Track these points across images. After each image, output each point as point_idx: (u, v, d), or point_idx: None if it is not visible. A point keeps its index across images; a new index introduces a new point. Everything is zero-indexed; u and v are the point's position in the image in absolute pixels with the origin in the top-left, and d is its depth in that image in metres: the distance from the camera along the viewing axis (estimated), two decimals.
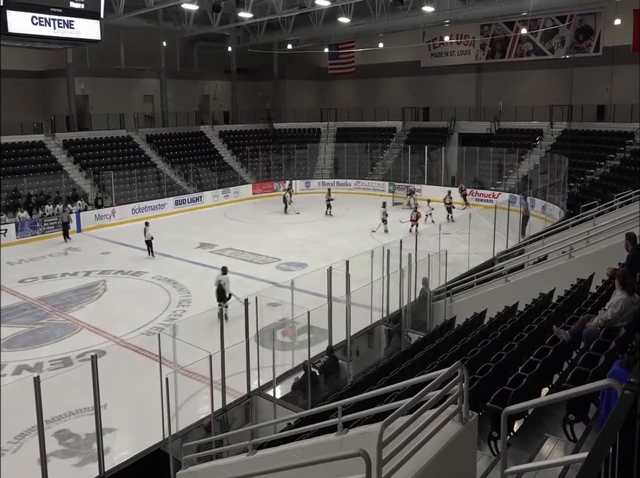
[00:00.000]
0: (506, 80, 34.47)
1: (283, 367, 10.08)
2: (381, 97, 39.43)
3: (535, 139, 31.28)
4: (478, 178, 30.94)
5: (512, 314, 9.42)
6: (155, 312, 14.95)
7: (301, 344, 10.83)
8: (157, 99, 36.52)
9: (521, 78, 34.19)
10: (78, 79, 32.47)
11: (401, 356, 9.02)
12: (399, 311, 11.90)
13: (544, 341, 6.05)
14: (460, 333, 9.22)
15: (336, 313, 10.55)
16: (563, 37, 31.94)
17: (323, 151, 37.62)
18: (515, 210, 19.36)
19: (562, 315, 7.56)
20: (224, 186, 32.35)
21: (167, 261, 20.04)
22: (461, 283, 13.53)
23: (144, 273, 18.43)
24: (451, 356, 7.32)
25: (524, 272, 12.65)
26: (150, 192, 29.45)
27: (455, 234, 19.63)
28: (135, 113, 33.24)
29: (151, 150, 32.71)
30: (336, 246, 20.94)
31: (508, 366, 5.89)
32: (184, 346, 8.31)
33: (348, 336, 10.49)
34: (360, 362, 10.75)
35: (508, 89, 34.20)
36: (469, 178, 30.99)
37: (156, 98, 36.56)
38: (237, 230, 24.73)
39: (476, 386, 5.26)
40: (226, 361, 8.55)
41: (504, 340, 7.10)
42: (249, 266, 19.24)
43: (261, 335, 9.44)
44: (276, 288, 14.69)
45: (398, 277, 11.85)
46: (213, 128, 36.88)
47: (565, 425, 4.55)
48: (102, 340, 13.16)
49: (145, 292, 16.80)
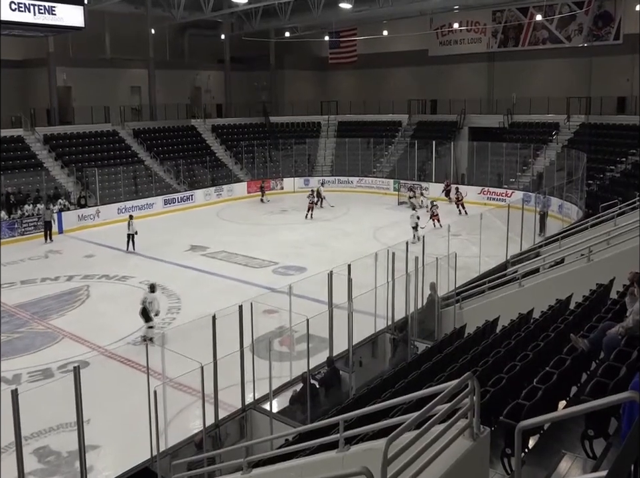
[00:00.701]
0: (520, 70, 34.52)
1: (280, 379, 10.07)
2: (385, 89, 39.48)
3: (551, 133, 31.32)
4: (489, 176, 30.97)
5: (526, 321, 9.42)
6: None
7: (300, 355, 10.81)
8: (144, 91, 36.55)
9: (536, 68, 34.23)
10: (60, 70, 32.50)
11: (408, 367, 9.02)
12: (405, 319, 11.90)
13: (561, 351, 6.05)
14: (470, 342, 9.22)
15: (337, 320, 10.55)
16: (581, 24, 31.99)
17: (323, 146, 37.65)
18: (530, 209, 19.36)
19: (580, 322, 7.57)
20: (216, 184, 32.38)
21: (156, 265, 20.02)
22: (472, 288, 13.53)
23: (130, 278, 18.42)
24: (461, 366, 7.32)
25: (539, 276, 12.66)
26: (137, 191, 29.48)
27: (465, 235, 19.63)
28: (122, 105, 33.28)
29: (138, 145, 32.74)
30: (337, 249, 20.94)
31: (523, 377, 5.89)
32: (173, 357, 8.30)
33: (350, 346, 10.48)
34: (363, 373, 10.75)
35: (522, 80, 34.25)
36: (480, 176, 31.03)
37: (144, 90, 36.60)
38: (230, 232, 24.73)
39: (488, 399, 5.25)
40: (219, 372, 8.54)
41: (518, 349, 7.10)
42: (243, 270, 19.23)
43: (257, 345, 9.43)
44: (273, 294, 14.70)
45: (403, 282, 11.85)
46: (205, 122, 36.92)
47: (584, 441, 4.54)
48: (85, 350, 13.15)
49: (131, 298, 16.73)
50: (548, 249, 15.49)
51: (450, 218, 22.08)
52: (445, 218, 23.18)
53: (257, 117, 39.45)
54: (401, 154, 35.01)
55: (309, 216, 26.38)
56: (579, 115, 30.88)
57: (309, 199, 26.88)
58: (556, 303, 9.57)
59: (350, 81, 43.31)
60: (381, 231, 23.90)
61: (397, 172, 33.84)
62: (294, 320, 10.18)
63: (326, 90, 43.11)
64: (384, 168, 35.35)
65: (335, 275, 10.58)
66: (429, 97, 37.31)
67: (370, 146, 36.04)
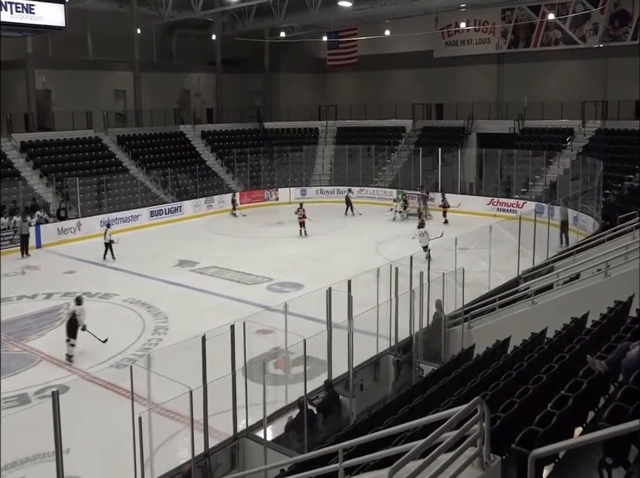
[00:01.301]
0: (532, 73, 34.79)
1: (275, 404, 10.04)
2: (387, 93, 39.75)
3: (565, 139, 31.52)
4: (499, 185, 31.10)
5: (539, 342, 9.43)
6: (126, 341, 14.90)
7: (296, 378, 10.78)
8: (129, 95, 36.75)
9: (548, 70, 34.51)
10: (39, 72, 32.72)
11: (412, 391, 9.01)
12: (409, 339, 11.89)
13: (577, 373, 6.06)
14: (480, 364, 9.22)
15: (336, 341, 10.54)
16: (596, 23, 32.31)
17: (321, 154, 37.81)
18: (543, 221, 19.41)
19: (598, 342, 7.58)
20: (206, 194, 32.45)
21: (141, 282, 20.01)
22: (481, 306, 13.53)
23: (114, 296, 18.41)
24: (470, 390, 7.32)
25: (553, 293, 12.68)
26: (121, 202, 29.52)
27: (474, 249, 19.66)
28: (105, 110, 33.42)
29: (122, 153, 32.84)
30: (336, 264, 20.95)
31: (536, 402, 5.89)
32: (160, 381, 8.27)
33: (351, 369, 10.47)
34: (364, 398, 10.72)
35: (534, 83, 34.52)
36: (489, 185, 31.16)
37: (129, 94, 36.80)
38: (222, 245, 24.76)
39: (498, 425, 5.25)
40: (209, 398, 8.52)
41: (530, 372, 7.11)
42: (235, 287, 19.21)
43: (250, 367, 9.41)
44: (267, 312, 14.67)
45: (407, 299, 11.85)
46: (194, 128, 37.09)
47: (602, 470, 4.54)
48: (65, 373, 13.11)
49: (114, 317, 16.76)
50: (563, 263, 15.51)
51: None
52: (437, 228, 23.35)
53: (251, 123, 39.65)
54: (405, 162, 35.16)
55: (303, 233, 25.98)
56: (594, 120, 31.09)
57: (298, 214, 26.21)
58: (571, 321, 9.59)
59: (349, 85, 43.60)
60: (383, 244, 23.95)
61: (400, 181, 33.96)
62: (290, 341, 10.17)
63: (325, 94, 43.37)
64: (386, 177, 35.49)
65: (334, 292, 10.58)
66: (435, 101, 37.56)
67: (371, 153, 36.20)
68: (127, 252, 23.13)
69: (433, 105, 37.69)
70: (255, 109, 40.82)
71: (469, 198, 30.67)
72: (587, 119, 31.20)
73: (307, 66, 43.62)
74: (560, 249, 18.79)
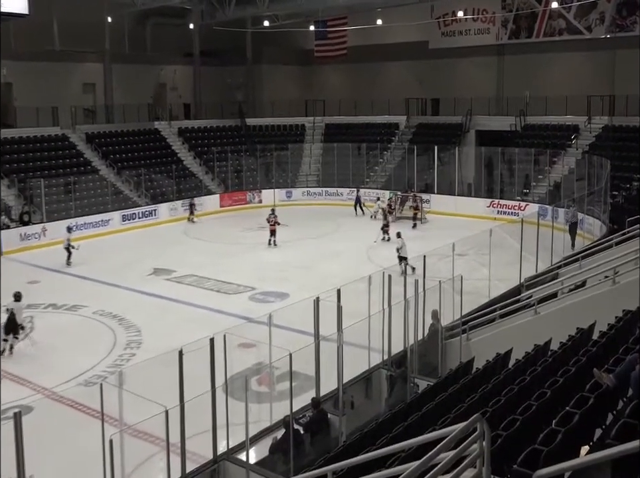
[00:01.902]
0: (534, 65, 35.05)
1: (258, 424, 10.02)
2: (379, 87, 39.90)
3: (570, 137, 31.76)
4: (500, 186, 31.27)
5: (543, 354, 9.48)
6: (96, 356, 14.80)
7: (281, 395, 10.77)
8: (99, 89, 36.64)
9: (552, 63, 34.79)
10: None
11: (407, 408, 9.03)
12: (403, 352, 11.91)
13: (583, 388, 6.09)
14: (479, 379, 9.26)
15: (325, 355, 10.54)
16: (603, 13, 32.61)
17: (308, 152, 37.87)
18: (547, 224, 19.55)
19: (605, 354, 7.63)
20: (184, 197, 32.36)
21: (112, 292, 19.89)
22: (480, 316, 13.60)
23: (82, 307, 18.30)
24: (469, 407, 7.35)
25: (557, 302, 12.76)
26: (91, 205, 29.37)
27: (473, 255, 19.76)
28: (73, 106, 33.28)
29: (91, 152, 32.70)
30: (324, 271, 20.95)
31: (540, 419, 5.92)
32: (133, 399, 8.24)
33: (340, 385, 10.47)
34: (355, 416, 10.73)
35: (536, 77, 34.77)
36: (489, 186, 31.33)
37: (99, 87, 36.68)
38: (200, 252, 24.69)
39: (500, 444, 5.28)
40: (186, 417, 8.49)
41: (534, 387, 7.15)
42: (215, 297, 19.16)
43: (231, 384, 9.39)
44: (250, 324, 14.65)
45: (401, 309, 11.88)
46: (170, 124, 37.03)
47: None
48: (28, 392, 12.99)
49: (83, 331, 16.66)
50: (568, 270, 15.62)
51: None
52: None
53: (232, 119, 39.64)
54: (399, 161, 35.27)
55: (272, 243, 24.98)
56: (601, 116, 31.36)
57: (270, 221, 25.22)
58: (577, 332, 9.65)
59: (339, 78, 43.71)
60: (375, 250, 23.98)
61: (394, 182, 34.07)
62: (274, 355, 10.16)
63: (312, 88, 43.45)
64: (378, 177, 35.59)
65: (322, 302, 10.58)
66: (430, 96, 37.75)
67: (362, 152, 36.30)
68: (96, 260, 23.01)
69: (429, 100, 37.88)
70: (236, 104, 40.81)
71: (468, 200, 30.85)
72: (593, 115, 31.46)
73: (293, 57, 43.70)
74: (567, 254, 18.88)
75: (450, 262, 14.60)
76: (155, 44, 40.62)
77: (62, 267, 22.45)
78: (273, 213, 25.53)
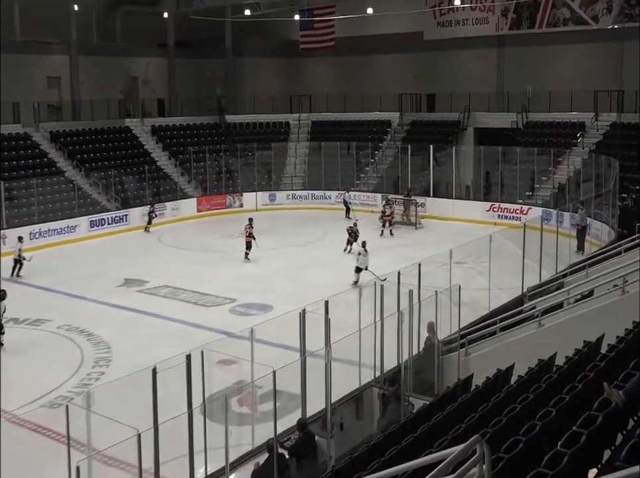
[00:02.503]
0: (537, 58, 35.29)
1: (239, 448, 10.00)
2: (370, 81, 39.98)
3: (575, 135, 31.97)
4: (500, 188, 31.40)
5: (548, 370, 9.53)
6: (61, 375, 14.73)
7: (265, 416, 10.75)
8: (65, 83, 36.51)
9: (556, 55, 35.06)
10: None
11: (401, 429, 9.04)
12: (397, 369, 11.93)
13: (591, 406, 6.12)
14: (479, 397, 9.29)
15: (311, 372, 10.54)
16: (611, 1, 32.84)
17: (293, 152, 37.92)
18: (551, 230, 19.66)
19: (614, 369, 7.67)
20: (157, 201, 32.27)
21: (79, 305, 19.81)
22: (480, 328, 13.64)
23: (45, 322, 18.20)
24: (468, 428, 7.36)
25: (563, 313, 12.83)
26: (55, 210, 29.24)
27: (471, 263, 19.85)
28: (36, 102, 33.17)
29: (56, 152, 32.57)
30: (311, 281, 20.98)
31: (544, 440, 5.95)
32: (102, 422, 8.21)
33: (329, 404, 10.47)
34: (345, 438, 10.73)
35: (539, 70, 34.99)
36: (488, 188, 31.47)
37: (64, 81, 36.55)
38: (176, 261, 24.64)
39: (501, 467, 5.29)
40: (161, 441, 8.47)
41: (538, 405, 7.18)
42: (192, 310, 19.11)
43: (210, 405, 9.37)
44: (230, 339, 14.63)
45: (395, 322, 11.91)
46: (143, 122, 36.95)
47: None
48: None
49: (47, 348, 16.56)
50: (574, 279, 15.71)
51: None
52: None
53: (210, 116, 39.64)
54: (391, 162, 35.40)
55: (245, 257, 24.27)
56: (609, 112, 31.60)
57: (245, 231, 24.53)
58: (584, 346, 9.70)
59: (326, 71, 43.80)
60: None
61: (386, 184, 34.15)
62: (257, 373, 10.16)
63: (297, 82, 43.51)
64: (369, 179, 35.67)
65: (309, 314, 10.60)
66: (425, 91, 37.91)
67: (351, 152, 36.38)
68: (62, 270, 22.87)
69: (424, 95, 38.02)
70: (215, 99, 40.81)
71: (466, 204, 30.99)
72: (600, 112, 31.68)
73: (276, 49, 43.73)
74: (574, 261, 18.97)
75: (447, 271, 14.66)
76: (126, 34, 40.50)
77: (24, 278, 22.30)
78: (250, 224, 24.66)
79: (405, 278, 12.62)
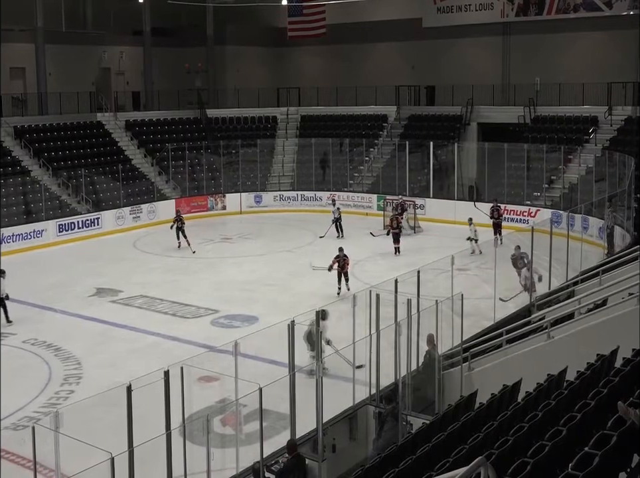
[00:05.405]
0: (545, 47, 35.41)
1: (222, 473, 9.99)
2: (365, 72, 40.07)
3: (587, 131, 32.11)
4: (506, 188, 31.46)
5: (558, 386, 9.56)
6: (27, 394, 14.67)
7: (250, 438, 10.74)
8: (30, 74, 36.39)
9: (566, 44, 35.22)
10: None
11: (399, 451, 9.05)
12: (394, 385, 11.94)
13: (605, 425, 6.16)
14: (483, 416, 9.31)
15: (301, 389, 10.55)
16: None
17: (281, 150, 37.91)
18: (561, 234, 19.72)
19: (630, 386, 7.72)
20: (132, 203, 32.25)
21: (46, 317, 19.75)
22: (484, 341, 13.66)
23: (9, 336, 18.09)
24: (471, 449, 7.38)
25: (574, 324, 12.85)
26: (20, 213, 29.16)
27: (475, 269, 19.91)
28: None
29: (21, 149, 32.47)
30: (300, 290, 21.03)
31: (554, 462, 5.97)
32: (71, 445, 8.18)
33: (320, 424, 10.47)
34: (337, 461, 10.74)
35: (548, 61, 35.09)
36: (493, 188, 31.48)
37: (29, 72, 36.43)
38: (152, 268, 24.63)
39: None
40: (136, 465, 8.45)
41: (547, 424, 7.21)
42: (171, 322, 19.09)
43: (190, 425, 9.36)
44: (212, 354, 14.59)
45: (392, 334, 11.92)
46: (116, 116, 36.88)
47: None
48: None
49: (10, 364, 16.36)
50: (586, 287, 15.75)
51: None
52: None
53: (190, 110, 39.63)
54: (388, 159, 35.44)
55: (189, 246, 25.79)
56: (624, 106, 31.72)
57: (176, 220, 26.83)
58: (597, 359, 9.74)
59: (316, 62, 43.85)
60: (361, 265, 24.05)
61: (382, 184, 34.17)
62: (241, 391, 10.14)
63: (285, 73, 43.56)
64: (364, 179, 35.69)
65: (298, 326, 10.60)
66: (424, 82, 38.01)
67: (344, 149, 36.41)
68: (27, 278, 22.77)
69: (423, 87, 38.11)
70: (195, 92, 40.77)
71: (469, 205, 30.98)
72: (614, 105, 31.83)
73: (262, 37, 43.74)
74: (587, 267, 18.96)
75: (448, 278, 14.68)
76: (97, 20, 40.51)
77: None
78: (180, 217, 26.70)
79: (403, 286, 12.64)
